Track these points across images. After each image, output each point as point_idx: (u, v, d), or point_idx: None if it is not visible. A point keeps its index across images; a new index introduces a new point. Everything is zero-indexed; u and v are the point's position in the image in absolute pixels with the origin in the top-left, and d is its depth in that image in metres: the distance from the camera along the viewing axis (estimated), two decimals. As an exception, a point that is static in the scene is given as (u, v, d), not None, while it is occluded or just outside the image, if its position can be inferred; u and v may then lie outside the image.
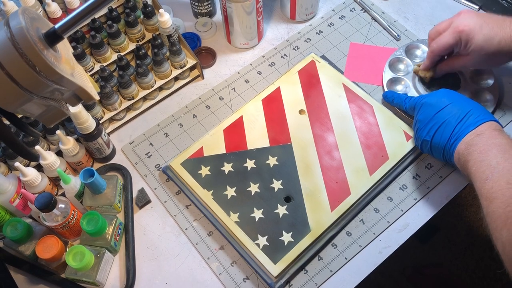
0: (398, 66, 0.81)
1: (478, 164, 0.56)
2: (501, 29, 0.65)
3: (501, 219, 0.50)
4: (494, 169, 0.54)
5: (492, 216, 0.52)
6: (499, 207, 0.51)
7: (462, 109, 0.62)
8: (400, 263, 1.29)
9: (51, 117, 0.47)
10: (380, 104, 0.75)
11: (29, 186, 0.65)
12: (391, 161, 0.70)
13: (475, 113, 0.61)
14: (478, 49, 0.66)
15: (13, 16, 0.40)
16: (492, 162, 0.55)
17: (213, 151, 0.72)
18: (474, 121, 0.61)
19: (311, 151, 0.71)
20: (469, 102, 0.64)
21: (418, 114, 0.67)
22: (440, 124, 0.63)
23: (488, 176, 0.54)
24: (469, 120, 0.61)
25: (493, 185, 0.53)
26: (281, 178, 0.69)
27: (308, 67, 0.80)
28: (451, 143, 0.62)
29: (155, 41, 0.77)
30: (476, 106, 0.63)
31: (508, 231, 0.49)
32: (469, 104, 0.63)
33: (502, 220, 0.50)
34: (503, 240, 0.49)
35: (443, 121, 0.63)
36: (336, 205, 0.67)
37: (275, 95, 0.78)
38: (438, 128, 0.63)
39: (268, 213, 0.67)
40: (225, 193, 0.69)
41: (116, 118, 0.78)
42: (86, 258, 0.59)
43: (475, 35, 0.65)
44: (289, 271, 0.63)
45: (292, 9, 0.87)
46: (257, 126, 0.75)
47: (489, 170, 0.55)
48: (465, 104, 0.63)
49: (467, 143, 0.60)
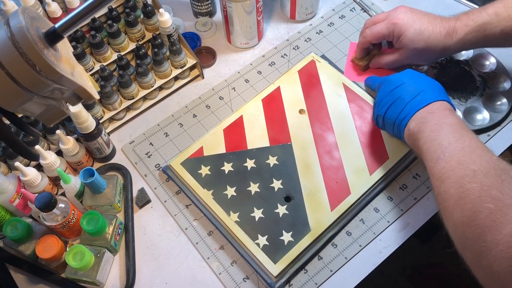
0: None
1: (429, 143, 0.57)
2: (431, 25, 0.69)
3: (452, 198, 0.50)
4: (446, 149, 0.55)
5: (444, 196, 0.52)
6: (451, 186, 0.51)
7: (417, 87, 0.63)
8: (400, 263, 1.29)
9: (51, 116, 0.47)
10: None
11: (29, 185, 0.65)
12: (391, 160, 0.70)
13: (428, 92, 0.62)
14: (409, 42, 0.70)
15: (13, 15, 0.40)
16: (444, 142, 0.56)
17: (213, 151, 0.72)
18: (426, 98, 0.62)
19: (311, 151, 0.71)
20: (426, 81, 0.65)
21: (378, 91, 0.69)
22: (394, 100, 0.64)
23: (440, 156, 0.55)
24: (422, 97, 0.62)
25: (444, 165, 0.54)
26: (281, 177, 0.69)
27: (308, 66, 0.80)
28: (401, 118, 0.63)
29: (155, 41, 0.77)
30: (432, 86, 0.64)
31: (460, 211, 0.49)
32: (425, 83, 0.64)
33: (454, 199, 0.50)
34: (455, 220, 0.50)
35: (397, 97, 0.64)
36: (336, 205, 0.67)
37: (275, 94, 0.78)
38: (392, 104, 0.64)
39: (268, 213, 0.66)
40: (225, 193, 0.68)
41: (116, 117, 0.78)
42: (86, 257, 0.59)
43: (407, 29, 0.69)
44: (289, 270, 0.63)
45: (292, 9, 0.87)
46: (257, 125, 0.74)
47: (440, 149, 0.55)
48: (422, 83, 0.64)
49: (418, 120, 0.61)
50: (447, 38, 0.68)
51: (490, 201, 0.46)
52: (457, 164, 0.52)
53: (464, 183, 0.50)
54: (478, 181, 0.49)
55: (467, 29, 0.67)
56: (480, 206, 0.47)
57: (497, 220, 0.45)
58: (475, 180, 0.49)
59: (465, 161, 0.52)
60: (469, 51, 0.80)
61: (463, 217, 0.48)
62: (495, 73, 0.78)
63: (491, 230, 0.45)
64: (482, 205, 0.47)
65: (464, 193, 0.49)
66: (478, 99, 0.76)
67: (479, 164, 0.51)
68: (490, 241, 0.45)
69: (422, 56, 0.72)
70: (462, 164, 0.52)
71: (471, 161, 0.52)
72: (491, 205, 0.46)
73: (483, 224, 0.46)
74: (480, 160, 0.51)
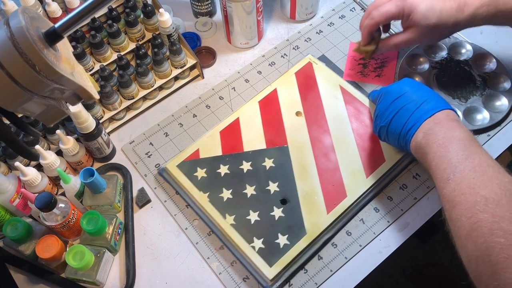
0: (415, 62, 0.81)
1: (438, 160, 0.56)
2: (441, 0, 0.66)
3: (465, 229, 0.49)
4: (456, 168, 0.53)
5: (456, 224, 0.51)
6: (462, 215, 0.50)
7: (420, 96, 0.62)
8: (400, 262, 1.29)
9: (51, 116, 0.47)
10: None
11: (29, 185, 0.65)
12: (387, 163, 0.70)
13: (432, 101, 0.61)
14: (421, 19, 0.66)
15: (13, 15, 0.40)
16: (453, 159, 0.54)
17: (209, 153, 0.72)
18: (431, 107, 0.60)
19: (308, 153, 0.71)
20: (427, 90, 0.64)
21: (378, 103, 0.68)
22: (398, 110, 0.63)
23: (450, 176, 0.53)
24: (426, 106, 0.61)
25: (455, 187, 0.52)
26: (277, 180, 0.69)
27: (305, 68, 0.80)
28: (408, 128, 0.61)
29: (155, 41, 0.77)
30: (433, 95, 0.63)
31: (474, 245, 0.48)
32: (427, 92, 0.63)
33: (466, 231, 0.49)
34: (468, 253, 0.49)
35: (401, 107, 0.63)
36: (332, 208, 0.66)
37: (272, 96, 0.77)
38: (396, 114, 0.63)
39: (264, 216, 0.66)
40: (221, 196, 0.68)
41: (116, 117, 0.78)
42: (86, 257, 0.59)
43: (418, 4, 0.66)
44: (285, 274, 0.63)
45: (292, 9, 0.87)
46: (253, 128, 0.74)
47: (450, 168, 0.54)
48: (423, 92, 0.63)
49: (425, 131, 0.59)
50: (459, 12, 0.65)
51: (501, 235, 0.46)
52: (468, 188, 0.51)
53: (475, 212, 0.49)
54: (490, 211, 0.48)
55: (479, 2, 0.64)
56: (492, 241, 0.46)
57: (509, 256, 0.44)
58: (486, 209, 0.48)
59: (476, 184, 0.51)
60: (469, 51, 0.80)
61: (476, 251, 0.47)
62: (495, 73, 0.78)
63: (504, 268, 0.44)
64: (493, 239, 0.46)
65: (476, 224, 0.48)
66: (478, 99, 0.76)
67: (490, 189, 0.49)
68: (503, 279, 0.44)
69: (433, 34, 0.68)
70: (473, 188, 0.51)
71: (482, 185, 0.50)
72: (503, 239, 0.45)
73: (496, 261, 0.45)
74: (492, 185, 0.50)
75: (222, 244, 0.67)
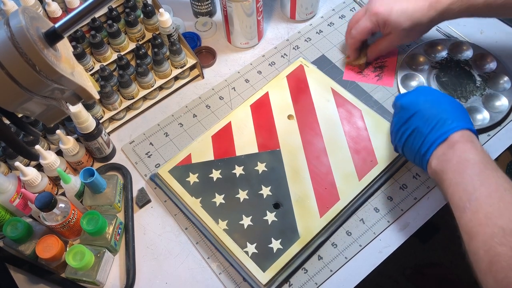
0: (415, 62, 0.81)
1: (454, 188, 0.54)
2: (411, 2, 0.69)
3: (483, 262, 0.48)
4: (471, 195, 0.52)
5: (474, 257, 0.50)
6: (480, 247, 0.49)
7: (434, 113, 0.59)
8: (400, 263, 1.29)
9: (51, 116, 0.47)
10: (368, 108, 0.75)
11: (29, 185, 0.65)
12: (380, 166, 0.69)
13: (447, 120, 0.58)
14: (396, 26, 0.71)
15: (13, 15, 0.40)
16: (468, 186, 0.52)
17: (201, 158, 0.71)
18: (445, 129, 0.57)
19: (300, 157, 0.71)
20: (442, 103, 0.60)
21: (394, 116, 0.66)
22: (412, 131, 0.60)
23: (466, 205, 0.52)
24: (440, 128, 0.58)
25: (471, 217, 0.51)
26: (270, 184, 0.69)
27: (296, 71, 0.80)
28: (422, 153, 0.59)
29: (155, 41, 0.77)
30: (451, 109, 0.59)
31: (494, 280, 0.47)
32: (441, 105, 0.60)
33: (485, 264, 0.48)
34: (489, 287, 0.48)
35: (414, 127, 0.60)
36: (325, 211, 0.66)
37: (264, 100, 0.77)
38: (410, 135, 0.61)
39: (257, 220, 0.66)
40: (214, 201, 0.68)
41: (116, 117, 0.78)
42: (86, 257, 0.59)
43: (389, 13, 0.70)
44: (279, 278, 0.63)
45: (292, 9, 0.87)
46: (245, 132, 0.74)
47: (465, 196, 0.52)
48: (438, 106, 0.60)
49: (439, 158, 0.57)
50: (431, 10, 0.68)
51: None
52: (484, 219, 0.50)
53: (493, 245, 0.48)
54: (508, 244, 0.47)
55: None
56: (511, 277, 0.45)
57: None
58: (504, 242, 0.47)
59: (493, 214, 0.49)
60: (469, 51, 0.80)
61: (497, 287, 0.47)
62: (495, 73, 0.78)
63: None
64: None
65: (495, 258, 0.47)
66: (478, 99, 0.76)
67: (507, 218, 0.48)
68: None
69: (411, 34, 0.73)
70: (489, 218, 0.49)
71: (499, 214, 0.49)
72: None
73: None
74: (509, 213, 0.49)
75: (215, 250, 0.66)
